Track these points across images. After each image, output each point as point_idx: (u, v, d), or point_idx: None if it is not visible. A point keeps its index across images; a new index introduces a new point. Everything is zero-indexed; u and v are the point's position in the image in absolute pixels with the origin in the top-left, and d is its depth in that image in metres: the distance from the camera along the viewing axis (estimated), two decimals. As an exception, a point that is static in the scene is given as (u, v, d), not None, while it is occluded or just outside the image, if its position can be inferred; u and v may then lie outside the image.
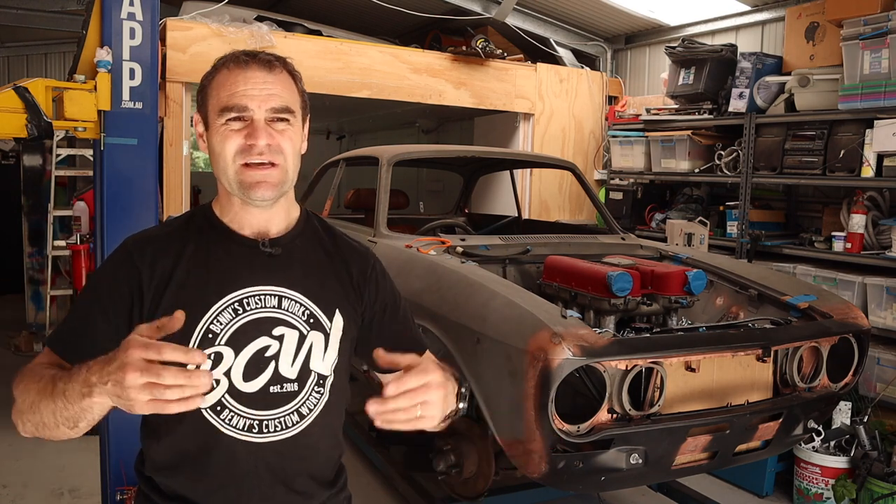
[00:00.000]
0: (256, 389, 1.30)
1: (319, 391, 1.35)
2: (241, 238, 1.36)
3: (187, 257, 1.32)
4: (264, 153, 1.28)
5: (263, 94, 1.28)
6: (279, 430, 1.31)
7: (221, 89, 1.30)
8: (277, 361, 1.32)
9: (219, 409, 1.29)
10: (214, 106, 1.30)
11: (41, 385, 1.15)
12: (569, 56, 6.24)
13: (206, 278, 1.31)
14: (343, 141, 9.83)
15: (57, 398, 1.11)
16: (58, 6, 5.45)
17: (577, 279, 2.94)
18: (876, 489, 3.37)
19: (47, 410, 1.13)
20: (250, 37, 4.73)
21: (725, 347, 2.56)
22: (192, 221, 1.39)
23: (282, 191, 1.33)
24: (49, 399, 1.12)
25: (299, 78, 1.37)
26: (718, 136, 4.90)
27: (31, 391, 1.17)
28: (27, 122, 2.74)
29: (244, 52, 1.33)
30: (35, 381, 1.18)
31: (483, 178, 5.61)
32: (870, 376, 3.72)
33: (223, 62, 1.33)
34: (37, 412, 1.15)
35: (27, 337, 6.29)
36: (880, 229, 3.93)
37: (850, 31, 3.84)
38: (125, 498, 2.81)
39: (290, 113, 1.31)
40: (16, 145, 7.58)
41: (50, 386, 1.13)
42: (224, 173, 1.31)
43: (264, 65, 1.30)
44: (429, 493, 3.25)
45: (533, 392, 2.23)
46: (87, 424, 1.13)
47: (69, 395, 1.09)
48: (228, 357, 1.29)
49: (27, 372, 1.23)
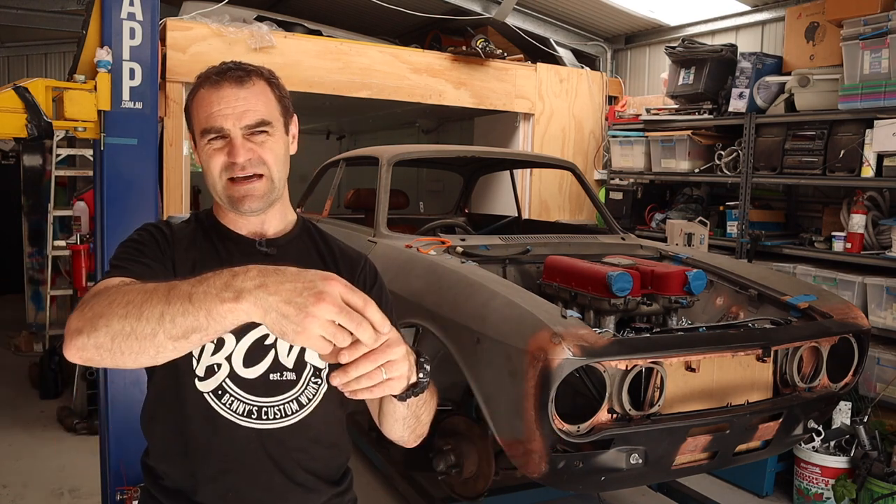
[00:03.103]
0: (257, 376, 1.33)
1: (317, 382, 1.38)
2: (238, 237, 1.42)
3: (195, 249, 1.38)
4: (246, 167, 1.33)
5: (237, 111, 1.32)
6: (279, 417, 1.34)
7: (200, 110, 1.34)
8: (276, 350, 1.35)
9: (220, 394, 1.32)
10: (197, 127, 1.36)
11: (141, 289, 1.00)
12: (569, 56, 6.24)
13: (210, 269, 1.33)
14: (343, 141, 9.83)
15: (173, 301, 0.96)
16: (58, 6, 5.45)
17: (577, 279, 2.94)
18: (876, 489, 3.37)
19: (152, 312, 0.96)
20: (250, 37, 4.73)
21: (725, 347, 2.55)
22: (196, 222, 1.45)
23: (270, 199, 1.37)
24: (161, 300, 0.96)
25: (276, 84, 1.40)
26: (718, 136, 4.90)
27: (119, 295, 1.00)
28: (27, 122, 2.74)
29: (216, 69, 1.36)
30: (123, 292, 1.01)
31: (483, 178, 5.61)
32: (870, 376, 3.72)
33: (199, 82, 1.37)
34: (129, 315, 0.97)
35: (27, 337, 6.30)
36: (880, 229, 3.93)
37: (850, 31, 3.84)
38: (125, 498, 2.81)
39: (268, 124, 1.35)
40: (16, 145, 7.59)
41: (163, 288, 0.98)
42: (214, 189, 1.37)
43: (235, 81, 1.33)
44: (429, 493, 3.26)
45: (533, 392, 2.23)
46: (198, 341, 0.97)
47: (197, 299, 0.95)
48: (230, 343, 1.32)
49: (102, 289, 1.07)
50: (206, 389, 1.31)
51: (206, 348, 1.32)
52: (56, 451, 4.13)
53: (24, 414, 4.80)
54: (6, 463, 4.00)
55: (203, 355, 1.32)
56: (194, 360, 1.32)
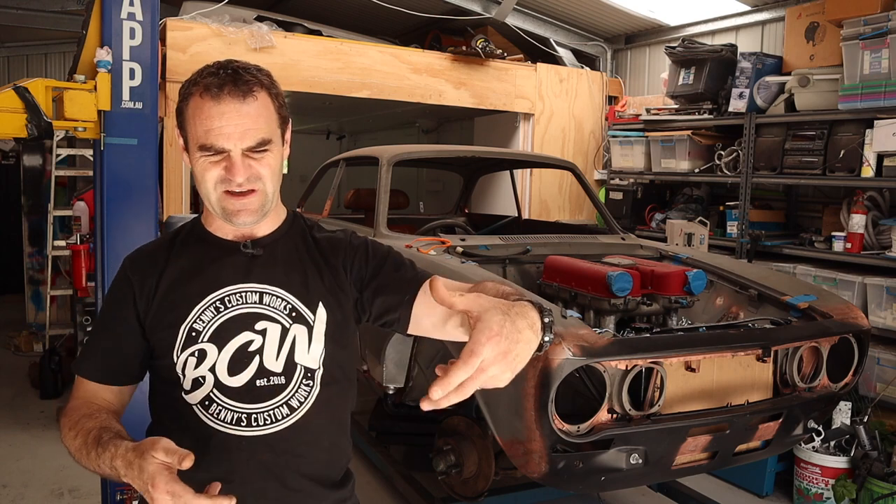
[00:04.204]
0: (243, 383, 1.33)
1: (308, 384, 1.36)
2: (222, 242, 1.41)
3: (172, 266, 1.39)
4: (243, 184, 1.31)
5: (239, 130, 1.28)
6: (269, 423, 1.33)
7: (196, 122, 1.29)
8: (262, 355, 1.34)
9: (207, 404, 1.32)
10: (192, 138, 1.31)
11: (78, 443, 1.26)
12: (569, 56, 6.24)
13: (189, 283, 1.37)
14: (343, 141, 9.83)
15: (93, 462, 1.22)
16: (58, 6, 5.46)
17: (577, 279, 2.94)
18: (876, 489, 3.37)
19: (86, 464, 1.24)
20: (250, 37, 4.74)
21: (725, 347, 2.55)
22: (180, 234, 1.45)
23: (263, 212, 1.36)
24: (86, 459, 1.24)
25: (276, 92, 1.35)
26: (718, 136, 4.90)
27: (69, 440, 1.28)
28: (27, 122, 2.74)
29: (215, 78, 1.29)
30: (71, 426, 1.29)
31: (483, 178, 5.61)
32: (870, 376, 3.72)
33: (196, 88, 1.30)
34: (79, 459, 1.26)
35: (27, 337, 6.30)
36: (880, 229, 3.93)
37: (850, 31, 3.84)
38: (125, 498, 2.81)
39: (268, 143, 1.32)
40: (16, 145, 7.59)
41: (84, 449, 1.24)
42: (207, 199, 1.35)
43: (237, 96, 1.27)
44: (429, 493, 3.25)
45: (533, 392, 2.23)
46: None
47: (103, 467, 1.20)
48: (212, 353, 1.33)
49: (72, 411, 1.32)
50: (193, 402, 1.33)
51: (188, 363, 1.33)
52: (56, 451, 4.12)
53: (24, 414, 4.80)
54: (6, 463, 4.00)
55: (187, 369, 1.33)
56: (180, 375, 1.33)
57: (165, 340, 1.35)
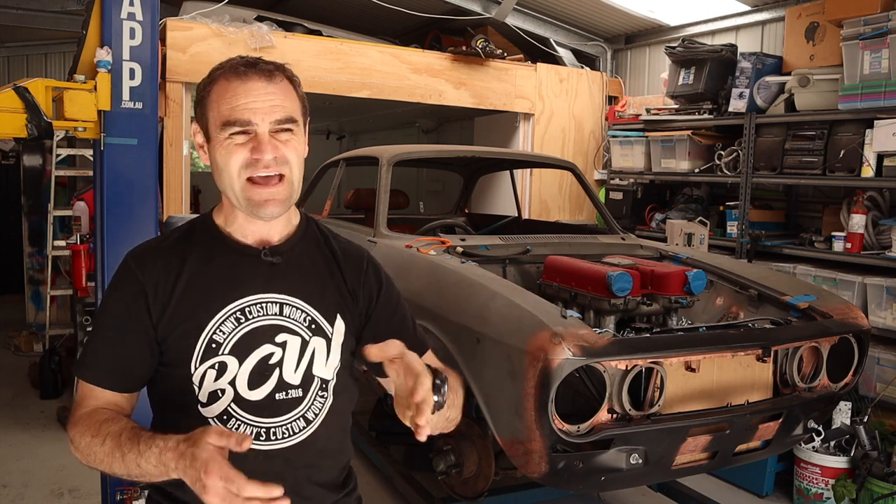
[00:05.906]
0: (262, 397, 1.30)
1: (323, 395, 1.36)
2: (242, 247, 1.35)
3: (189, 270, 1.31)
4: (270, 166, 1.26)
5: (266, 105, 1.26)
6: (286, 436, 1.32)
7: (221, 102, 1.26)
8: (281, 368, 1.32)
9: (225, 419, 1.29)
10: (215, 119, 1.27)
11: (107, 447, 1.18)
12: (569, 56, 6.24)
13: (207, 289, 1.31)
14: (343, 141, 9.84)
15: (130, 464, 1.15)
16: (58, 6, 5.46)
17: (577, 279, 2.94)
18: (876, 489, 3.37)
19: (118, 468, 1.18)
20: (250, 37, 4.73)
21: (725, 347, 2.55)
22: (193, 232, 1.38)
23: (289, 204, 1.32)
24: (120, 462, 1.17)
25: (298, 83, 1.35)
26: (718, 136, 4.90)
27: (94, 447, 1.20)
28: (27, 122, 2.74)
29: (241, 61, 1.29)
30: (94, 432, 1.21)
31: (483, 178, 5.61)
32: (870, 376, 3.72)
33: (220, 72, 1.29)
34: (105, 466, 1.20)
35: (27, 337, 6.30)
36: (880, 229, 3.93)
37: (850, 31, 3.84)
38: (125, 498, 2.81)
39: (294, 122, 1.29)
40: (16, 145, 7.59)
41: (118, 452, 1.17)
42: (230, 188, 1.29)
43: (264, 74, 1.27)
44: (429, 493, 3.25)
45: (533, 392, 2.23)
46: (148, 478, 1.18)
47: (145, 466, 1.13)
48: (233, 367, 1.29)
49: (82, 419, 1.25)
50: (210, 415, 1.28)
51: (207, 375, 1.28)
52: (56, 451, 4.13)
53: (24, 414, 4.80)
54: (6, 463, 4.00)
55: (205, 382, 1.28)
56: (195, 387, 1.28)
57: (181, 349, 1.28)
